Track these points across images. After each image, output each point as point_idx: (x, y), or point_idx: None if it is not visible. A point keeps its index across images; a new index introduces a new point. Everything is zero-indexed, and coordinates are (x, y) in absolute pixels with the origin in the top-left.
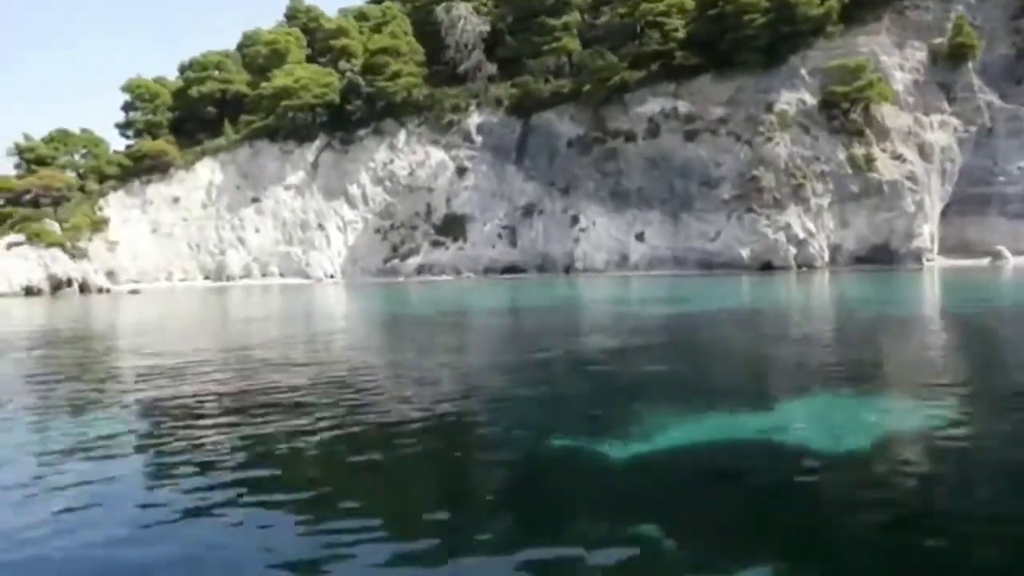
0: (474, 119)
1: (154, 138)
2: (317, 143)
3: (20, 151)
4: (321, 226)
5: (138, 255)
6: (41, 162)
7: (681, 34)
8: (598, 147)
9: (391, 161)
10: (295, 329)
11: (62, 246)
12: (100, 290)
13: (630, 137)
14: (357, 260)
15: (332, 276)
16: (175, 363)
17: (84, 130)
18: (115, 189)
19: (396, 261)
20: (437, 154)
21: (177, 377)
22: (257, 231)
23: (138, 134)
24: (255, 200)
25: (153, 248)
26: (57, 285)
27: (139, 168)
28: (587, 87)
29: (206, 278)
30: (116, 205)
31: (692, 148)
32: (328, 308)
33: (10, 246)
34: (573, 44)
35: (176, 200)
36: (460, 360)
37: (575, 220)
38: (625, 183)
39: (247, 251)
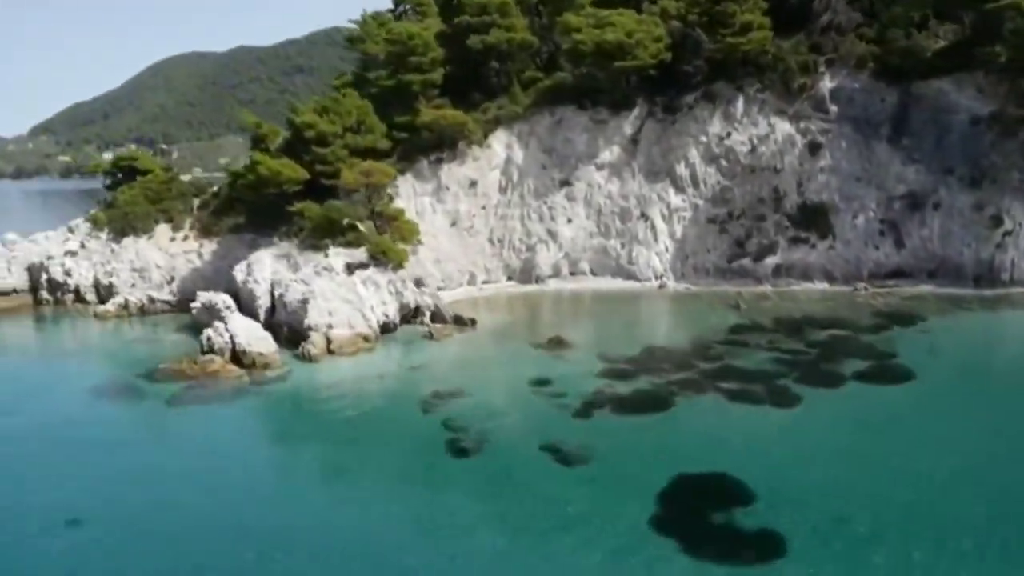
0: (826, 83)
1: (427, 102)
2: (636, 111)
3: (296, 128)
4: (644, 215)
5: (441, 257)
6: (322, 142)
7: None
8: None
9: (727, 135)
10: None
11: (402, 264)
12: (459, 321)
13: None
14: (688, 257)
15: (662, 277)
16: None
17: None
18: (401, 172)
19: (746, 261)
20: (783, 127)
21: None
22: (569, 221)
23: (407, 97)
24: (565, 183)
25: (455, 246)
26: (404, 317)
27: (418, 144)
28: None
29: (509, 279)
30: (405, 193)
31: None
32: None
33: (352, 269)
34: None
35: (473, 184)
36: None
37: (996, 221)
38: None
39: (558, 246)
